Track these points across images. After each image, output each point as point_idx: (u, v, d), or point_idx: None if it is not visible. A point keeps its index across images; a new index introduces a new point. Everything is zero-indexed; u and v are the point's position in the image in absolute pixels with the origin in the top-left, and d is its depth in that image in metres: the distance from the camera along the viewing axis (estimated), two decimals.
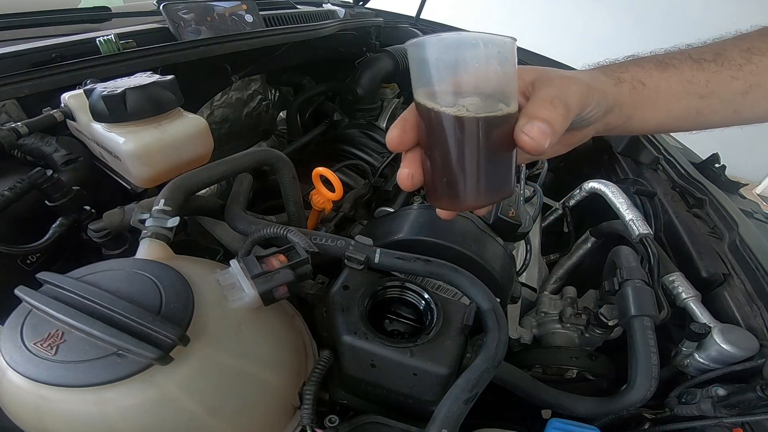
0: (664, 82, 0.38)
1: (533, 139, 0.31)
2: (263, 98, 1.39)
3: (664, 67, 0.38)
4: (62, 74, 0.71)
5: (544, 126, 0.31)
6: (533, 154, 0.32)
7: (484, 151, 0.32)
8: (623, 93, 0.38)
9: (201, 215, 0.74)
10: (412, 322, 0.56)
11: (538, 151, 0.32)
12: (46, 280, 0.40)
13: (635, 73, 0.38)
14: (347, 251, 0.55)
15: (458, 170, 0.33)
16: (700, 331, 0.62)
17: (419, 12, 1.81)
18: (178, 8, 1.02)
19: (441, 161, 0.34)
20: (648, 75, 0.38)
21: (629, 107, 0.38)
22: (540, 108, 0.32)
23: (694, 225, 0.87)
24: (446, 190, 0.35)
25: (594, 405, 0.60)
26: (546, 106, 0.32)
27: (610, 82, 0.37)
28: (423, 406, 0.52)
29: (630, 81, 0.38)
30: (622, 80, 0.38)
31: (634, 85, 0.38)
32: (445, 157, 0.33)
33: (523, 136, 0.31)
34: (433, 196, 0.36)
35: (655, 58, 0.40)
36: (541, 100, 0.32)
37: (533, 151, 0.32)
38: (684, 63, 0.39)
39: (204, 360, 0.40)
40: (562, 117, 0.32)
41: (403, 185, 0.36)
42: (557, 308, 0.82)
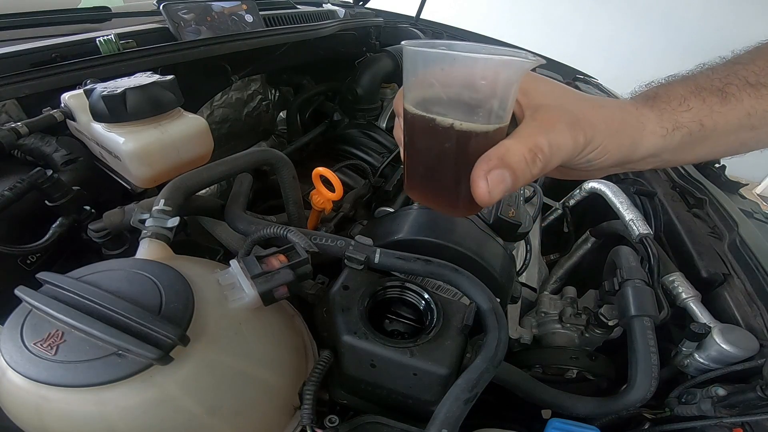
0: (723, 117, 0.33)
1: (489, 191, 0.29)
2: (263, 98, 1.39)
3: (725, 99, 0.33)
4: (62, 74, 0.71)
5: (506, 175, 0.28)
6: (480, 203, 0.30)
7: (458, 163, 0.31)
8: (672, 142, 0.33)
9: (201, 215, 0.74)
10: (412, 322, 0.56)
11: (485, 202, 0.29)
12: (46, 280, 0.39)
13: (697, 111, 0.33)
14: (347, 251, 0.55)
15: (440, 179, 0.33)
16: (700, 331, 0.62)
17: (419, 12, 1.81)
18: (178, 8, 1.02)
19: (414, 161, 0.35)
20: (709, 112, 0.33)
21: (671, 153, 0.34)
22: (512, 153, 0.29)
23: (694, 225, 0.87)
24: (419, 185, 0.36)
25: (594, 405, 0.60)
26: (520, 152, 0.29)
27: (659, 133, 0.33)
28: (423, 406, 0.52)
29: (689, 125, 0.33)
30: (680, 126, 0.33)
31: (691, 129, 0.33)
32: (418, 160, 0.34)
33: (478, 181, 0.29)
34: (409, 187, 0.38)
35: (712, 84, 0.34)
36: (524, 141, 0.29)
37: (480, 201, 0.29)
38: (743, 91, 0.34)
39: (204, 360, 0.40)
40: (529, 173, 0.29)
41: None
42: (557, 308, 0.82)
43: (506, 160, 0.29)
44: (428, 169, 0.34)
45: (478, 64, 0.28)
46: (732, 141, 0.35)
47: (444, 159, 0.32)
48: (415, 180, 0.36)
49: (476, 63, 0.28)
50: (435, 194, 0.35)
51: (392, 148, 1.27)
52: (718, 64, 0.37)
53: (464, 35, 1.78)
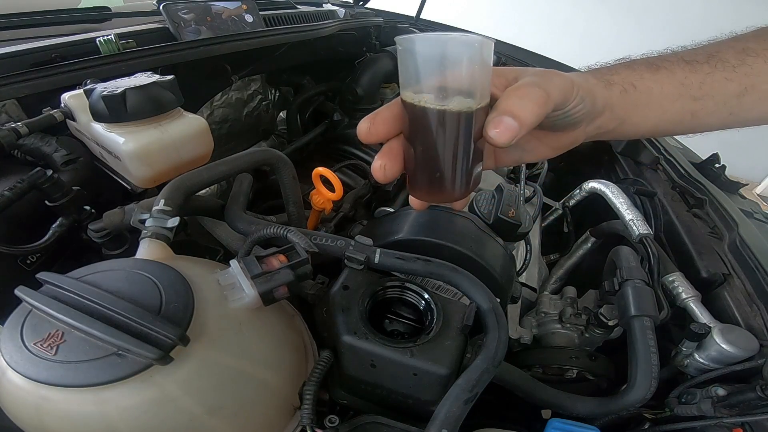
0: (656, 84, 0.38)
1: (499, 134, 0.31)
2: (263, 98, 1.39)
3: (656, 70, 0.38)
4: (62, 74, 0.71)
5: (510, 121, 0.31)
6: (498, 146, 0.33)
7: (463, 144, 0.34)
8: (614, 95, 0.37)
9: (201, 215, 0.74)
10: (412, 322, 0.56)
11: (501, 143, 0.32)
12: (46, 280, 0.40)
13: (626, 75, 0.38)
14: (347, 251, 0.55)
15: (437, 164, 0.35)
16: (700, 331, 0.62)
17: (419, 12, 1.81)
18: (178, 8, 1.02)
19: (422, 155, 0.35)
20: (639, 77, 0.38)
21: (621, 110, 0.38)
22: (510, 100, 0.32)
23: (694, 225, 0.87)
24: (426, 181, 0.37)
25: (594, 405, 0.60)
26: (519, 95, 0.32)
27: (600, 85, 0.37)
28: (423, 406, 0.52)
29: (621, 83, 0.37)
30: (613, 83, 0.37)
31: (625, 87, 0.37)
32: (426, 151, 0.35)
33: (490, 130, 0.32)
34: (413, 186, 0.38)
35: (646, 60, 0.39)
36: (514, 90, 0.33)
37: (497, 144, 0.32)
38: (676, 65, 0.38)
39: (204, 360, 0.40)
40: (536, 105, 0.32)
41: (376, 176, 0.37)
42: (557, 308, 0.82)
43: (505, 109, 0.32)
44: (433, 156, 0.35)
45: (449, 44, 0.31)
46: (678, 109, 0.39)
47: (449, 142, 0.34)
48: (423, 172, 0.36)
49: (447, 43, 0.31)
50: (440, 182, 0.36)
51: None
52: (662, 51, 0.42)
53: None
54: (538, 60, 1.66)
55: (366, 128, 0.35)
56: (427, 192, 0.38)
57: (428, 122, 0.33)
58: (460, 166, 0.35)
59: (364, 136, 0.36)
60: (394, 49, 1.43)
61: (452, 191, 0.37)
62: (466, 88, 0.32)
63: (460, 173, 0.36)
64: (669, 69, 0.38)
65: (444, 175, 0.36)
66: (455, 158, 0.35)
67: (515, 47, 1.68)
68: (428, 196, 0.39)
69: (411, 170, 0.37)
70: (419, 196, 0.39)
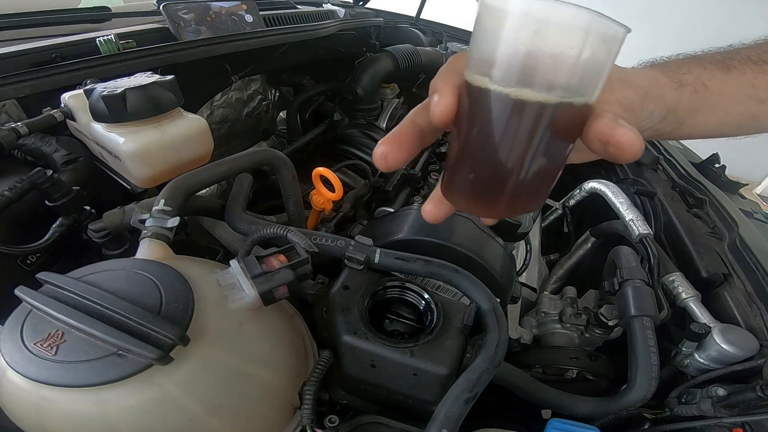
0: (726, 85, 0.35)
1: (634, 134, 0.24)
2: (263, 98, 1.39)
3: (727, 69, 0.35)
4: (62, 74, 0.71)
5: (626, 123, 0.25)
6: (628, 153, 0.24)
7: (545, 149, 0.26)
8: (683, 98, 0.34)
9: (201, 215, 0.74)
10: (413, 323, 0.56)
11: (636, 149, 0.24)
12: (46, 280, 0.39)
13: (698, 74, 0.35)
14: (347, 251, 0.55)
15: (501, 171, 0.27)
16: (700, 331, 0.62)
17: (419, 12, 1.81)
18: (178, 8, 1.02)
19: (483, 157, 0.27)
20: (711, 77, 0.35)
21: (684, 112, 0.35)
22: (618, 109, 0.27)
23: (694, 225, 0.87)
24: (471, 189, 0.29)
25: (594, 405, 0.60)
26: (622, 108, 0.27)
27: (671, 86, 0.33)
28: (423, 406, 0.52)
29: (693, 83, 0.34)
30: (685, 83, 0.34)
31: (697, 88, 0.34)
32: (493, 154, 0.26)
33: (621, 129, 0.24)
34: (452, 190, 0.30)
35: (714, 57, 0.37)
36: (613, 102, 0.27)
37: (631, 148, 0.24)
38: (745, 65, 0.36)
39: (204, 360, 0.40)
40: (633, 120, 0.28)
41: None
42: (557, 308, 0.82)
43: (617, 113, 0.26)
44: (500, 160, 0.26)
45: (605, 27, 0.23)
46: (742, 112, 0.37)
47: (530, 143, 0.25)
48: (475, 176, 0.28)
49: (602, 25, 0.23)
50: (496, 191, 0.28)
51: None
52: (723, 47, 0.39)
53: (465, 35, 1.78)
54: None
55: (381, 154, 0.29)
56: (479, 202, 0.29)
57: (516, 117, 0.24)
58: (544, 177, 0.28)
59: (381, 163, 0.29)
60: (395, 49, 1.43)
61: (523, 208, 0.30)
62: (585, 84, 0.24)
63: (541, 186, 0.28)
64: (739, 69, 0.36)
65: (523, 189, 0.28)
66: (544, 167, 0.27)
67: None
68: (479, 205, 0.30)
69: (463, 172, 0.29)
70: (462, 205, 0.30)
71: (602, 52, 0.23)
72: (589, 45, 0.23)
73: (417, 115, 0.30)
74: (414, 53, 1.45)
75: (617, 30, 0.23)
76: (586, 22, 0.22)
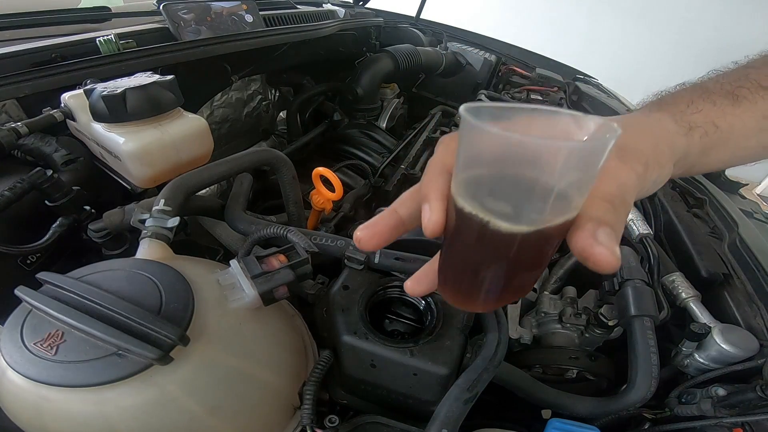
0: (738, 120, 0.33)
1: (612, 252, 0.24)
2: (263, 98, 1.40)
3: (737, 102, 0.34)
4: (62, 74, 0.71)
5: (612, 234, 0.24)
6: (605, 270, 0.24)
7: (527, 261, 0.26)
8: (693, 143, 0.32)
9: (201, 215, 0.74)
10: (412, 323, 0.56)
11: (612, 266, 0.24)
12: (46, 280, 0.40)
13: (708, 113, 0.33)
14: (347, 251, 0.55)
15: (485, 281, 0.28)
16: (700, 331, 0.62)
17: (419, 12, 1.82)
18: (178, 8, 1.02)
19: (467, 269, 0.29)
20: (721, 113, 0.33)
21: (695, 156, 0.33)
22: (601, 210, 0.25)
23: (694, 225, 0.87)
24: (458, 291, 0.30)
25: (594, 405, 0.60)
26: (609, 209, 0.25)
27: (680, 132, 0.32)
28: (423, 406, 0.52)
29: (702, 125, 0.32)
30: (694, 126, 0.32)
31: (707, 129, 0.32)
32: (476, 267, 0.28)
33: (598, 248, 0.24)
34: (445, 291, 0.32)
35: (722, 87, 0.34)
36: (599, 199, 0.26)
37: (608, 266, 0.24)
38: (756, 93, 0.34)
39: (204, 360, 0.40)
40: (623, 222, 0.26)
41: (408, 292, 0.34)
42: (557, 308, 0.82)
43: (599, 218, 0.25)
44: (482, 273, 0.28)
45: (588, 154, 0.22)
46: (754, 145, 0.35)
47: (510, 261, 0.26)
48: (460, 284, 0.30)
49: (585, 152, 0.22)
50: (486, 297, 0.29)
51: (392, 148, 1.27)
52: (730, 69, 0.37)
53: (465, 35, 1.78)
54: (538, 60, 1.66)
55: (356, 239, 0.31)
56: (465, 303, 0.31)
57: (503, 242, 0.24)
58: (527, 279, 0.29)
59: (360, 246, 0.31)
60: (395, 49, 1.43)
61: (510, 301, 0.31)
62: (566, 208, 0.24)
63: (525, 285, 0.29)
64: (750, 100, 0.34)
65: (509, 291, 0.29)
66: (526, 273, 0.28)
67: (515, 47, 1.68)
68: (465, 305, 0.31)
69: (450, 278, 0.31)
70: (451, 301, 0.32)
71: (583, 173, 0.23)
72: (568, 172, 0.22)
73: (401, 204, 0.32)
74: (414, 53, 1.45)
75: (604, 144, 0.22)
76: (566, 153, 0.21)
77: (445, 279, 0.31)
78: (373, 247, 0.32)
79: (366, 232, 0.31)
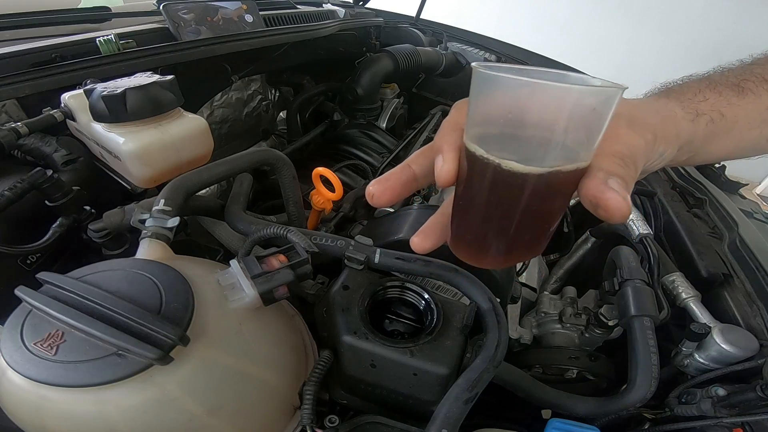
0: (742, 110, 0.34)
1: (623, 198, 0.24)
2: (263, 98, 1.40)
3: (742, 93, 0.35)
4: (62, 74, 0.71)
5: (624, 184, 0.25)
6: (616, 217, 0.25)
7: (539, 210, 0.27)
8: (699, 129, 0.33)
9: (201, 215, 0.74)
10: (412, 323, 0.56)
11: (623, 213, 0.25)
12: (46, 280, 0.39)
13: (714, 102, 0.34)
14: (347, 251, 0.55)
15: (498, 230, 0.28)
16: (700, 331, 0.62)
17: (419, 12, 1.81)
18: (178, 8, 1.02)
19: (479, 217, 0.29)
20: (726, 103, 0.34)
21: (700, 142, 0.34)
22: (613, 164, 0.26)
23: (694, 225, 0.87)
24: (470, 243, 0.31)
25: (594, 405, 0.60)
26: (619, 164, 0.27)
27: (687, 118, 0.33)
28: (423, 406, 0.52)
29: (709, 113, 0.33)
30: (701, 113, 0.33)
31: (713, 117, 0.33)
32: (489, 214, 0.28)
33: (610, 193, 0.24)
34: (457, 245, 0.32)
35: (728, 80, 0.36)
36: (611, 155, 0.27)
37: (618, 213, 0.25)
38: (760, 87, 0.35)
39: (204, 360, 0.40)
40: (633, 179, 0.27)
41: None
42: (557, 308, 0.82)
43: (613, 171, 0.26)
44: (495, 221, 0.28)
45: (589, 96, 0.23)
46: (756, 136, 0.36)
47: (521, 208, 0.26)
48: (473, 235, 0.30)
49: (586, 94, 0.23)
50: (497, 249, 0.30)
51: (392, 148, 1.27)
52: (735, 65, 0.38)
53: (465, 35, 1.78)
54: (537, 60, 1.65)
55: (369, 194, 0.32)
56: (477, 256, 0.31)
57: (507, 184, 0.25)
58: (540, 232, 0.29)
59: (373, 201, 0.32)
60: (395, 48, 1.43)
61: (523, 258, 0.31)
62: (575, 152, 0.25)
63: (538, 239, 0.30)
64: (755, 92, 0.35)
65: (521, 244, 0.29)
66: (539, 225, 0.28)
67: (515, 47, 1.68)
68: (476, 259, 0.32)
69: (463, 230, 0.31)
70: (462, 255, 0.32)
71: (592, 120, 0.24)
72: (577, 117, 0.23)
73: (413, 160, 0.32)
74: (414, 53, 1.45)
75: (608, 95, 0.23)
76: (573, 96, 0.22)
77: (457, 230, 0.31)
78: (386, 202, 0.32)
79: (378, 187, 0.31)
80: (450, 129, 0.30)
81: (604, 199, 0.25)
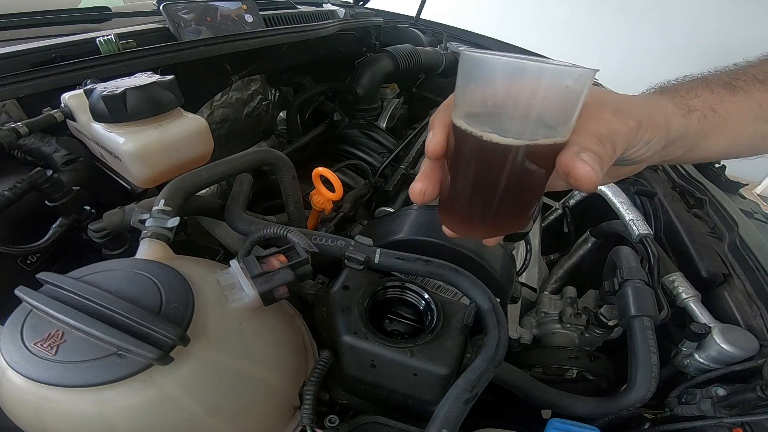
0: (734, 107, 0.35)
1: (592, 169, 0.27)
2: (263, 98, 1.39)
3: (734, 91, 0.36)
4: (62, 74, 0.71)
5: (596, 158, 0.28)
6: (584, 185, 0.28)
7: (519, 182, 0.29)
8: (691, 124, 0.34)
9: (201, 215, 0.74)
10: (412, 323, 0.56)
11: (591, 182, 0.27)
12: (46, 280, 0.39)
13: (706, 98, 0.35)
14: (347, 251, 0.55)
15: (482, 199, 0.31)
16: (700, 331, 0.62)
17: (419, 12, 1.81)
18: (178, 8, 1.02)
19: (466, 187, 0.31)
20: (719, 100, 0.35)
21: (694, 137, 0.35)
22: (589, 141, 0.28)
23: (694, 225, 0.87)
24: (457, 213, 0.33)
25: (594, 405, 0.60)
26: (595, 141, 0.29)
27: (679, 113, 0.34)
28: (423, 406, 0.52)
29: (701, 108, 0.35)
30: (693, 108, 0.34)
31: (705, 113, 0.35)
32: (473, 185, 0.30)
33: (579, 163, 0.27)
34: (446, 216, 0.35)
35: (720, 79, 0.37)
36: (589, 134, 0.29)
37: (587, 181, 0.27)
38: (752, 85, 0.36)
39: (204, 360, 0.40)
40: (609, 157, 0.29)
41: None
42: (557, 308, 0.82)
43: (587, 147, 0.28)
44: (479, 190, 0.31)
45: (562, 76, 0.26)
46: (751, 133, 0.37)
47: (502, 178, 0.29)
48: (459, 204, 0.32)
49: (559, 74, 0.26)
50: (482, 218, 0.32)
51: (392, 148, 1.27)
52: (729, 67, 0.39)
53: (464, 35, 1.78)
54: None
55: (419, 191, 0.33)
56: (464, 225, 0.34)
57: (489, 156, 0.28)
58: (521, 204, 0.31)
59: (425, 198, 0.34)
60: (395, 49, 1.43)
61: (507, 229, 0.33)
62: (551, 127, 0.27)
63: (520, 211, 0.32)
64: (746, 90, 0.36)
65: (504, 214, 0.31)
66: (519, 196, 0.31)
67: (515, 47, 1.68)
68: (464, 228, 0.34)
69: (452, 200, 0.33)
70: (450, 225, 0.35)
71: (567, 98, 0.26)
72: (552, 94, 0.26)
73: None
74: (414, 53, 1.45)
75: (581, 74, 0.26)
76: (548, 74, 0.25)
77: (446, 201, 0.34)
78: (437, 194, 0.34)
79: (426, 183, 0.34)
80: (442, 110, 0.32)
81: (574, 168, 0.27)
